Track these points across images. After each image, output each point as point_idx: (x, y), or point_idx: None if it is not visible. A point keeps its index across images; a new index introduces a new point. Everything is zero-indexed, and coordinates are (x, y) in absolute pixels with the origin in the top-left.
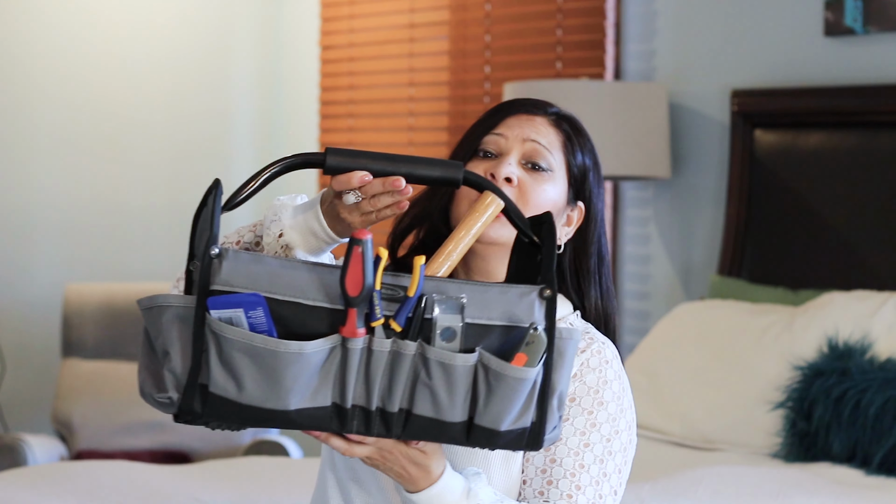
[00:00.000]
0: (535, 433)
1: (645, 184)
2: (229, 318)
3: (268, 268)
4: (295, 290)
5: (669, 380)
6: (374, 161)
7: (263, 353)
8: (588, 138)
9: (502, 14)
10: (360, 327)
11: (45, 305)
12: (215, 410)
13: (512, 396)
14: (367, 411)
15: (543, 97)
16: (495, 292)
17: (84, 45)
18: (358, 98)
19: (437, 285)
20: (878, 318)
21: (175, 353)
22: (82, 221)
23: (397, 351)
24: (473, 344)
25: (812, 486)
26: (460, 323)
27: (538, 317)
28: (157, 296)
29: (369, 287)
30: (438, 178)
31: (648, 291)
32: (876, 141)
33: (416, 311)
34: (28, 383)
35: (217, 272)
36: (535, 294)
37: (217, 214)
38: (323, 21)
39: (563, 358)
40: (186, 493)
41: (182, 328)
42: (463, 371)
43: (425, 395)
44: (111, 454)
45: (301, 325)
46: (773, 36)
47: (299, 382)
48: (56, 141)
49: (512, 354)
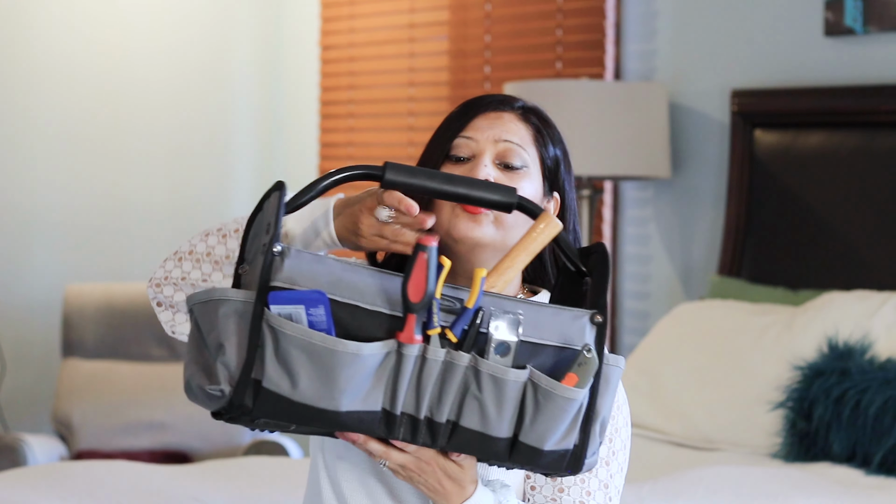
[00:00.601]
0: (577, 456)
1: (645, 184)
2: (289, 315)
3: (329, 269)
4: (354, 293)
5: (669, 380)
6: (432, 179)
7: (321, 352)
8: (555, 128)
9: (502, 14)
10: (417, 334)
11: (45, 305)
12: (266, 407)
13: (559, 416)
14: (415, 419)
15: (543, 97)
16: (548, 313)
17: (84, 45)
18: (358, 98)
19: (494, 300)
20: (878, 318)
21: (230, 346)
22: (82, 221)
23: (451, 361)
24: (525, 361)
25: (812, 486)
26: (515, 339)
27: (589, 339)
28: (213, 290)
29: (430, 294)
30: (493, 202)
31: (648, 291)
32: (876, 141)
33: (472, 323)
34: (28, 383)
35: (279, 269)
36: (587, 318)
37: (281, 214)
38: (323, 21)
39: (608, 384)
40: (186, 493)
41: (240, 322)
42: (514, 386)
43: (474, 408)
44: (111, 454)
45: (358, 329)
46: (773, 36)
47: (353, 384)
48: (56, 141)
49: (562, 375)
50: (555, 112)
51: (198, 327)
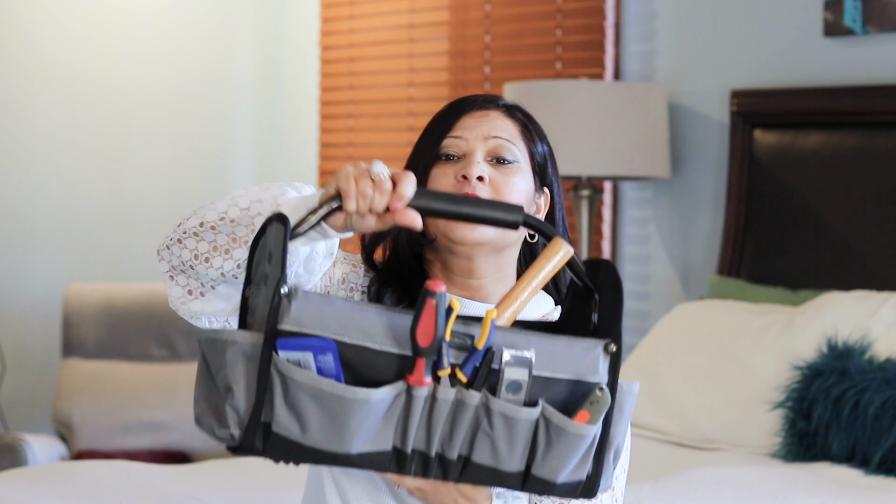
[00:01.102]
0: (590, 484)
1: (645, 184)
2: (297, 361)
3: (337, 310)
4: (363, 334)
5: (669, 380)
6: (435, 200)
7: (330, 399)
8: (539, 124)
9: (502, 14)
10: (427, 377)
11: (45, 305)
12: (276, 449)
13: (571, 451)
14: (427, 456)
15: (543, 97)
16: (561, 345)
17: (84, 45)
18: (358, 98)
19: (505, 336)
20: (877, 318)
21: (239, 390)
22: (82, 221)
23: (461, 400)
24: (537, 395)
25: (811, 486)
26: (527, 377)
27: (602, 371)
28: (221, 331)
29: (440, 339)
30: (498, 220)
31: (648, 291)
32: (875, 141)
33: (483, 361)
34: (28, 383)
35: (286, 312)
36: (601, 349)
37: (286, 252)
38: (323, 21)
39: (622, 412)
40: (186, 493)
41: (248, 366)
42: (525, 424)
43: (485, 445)
44: (111, 454)
45: (367, 368)
46: (773, 36)
47: (363, 428)
48: (56, 141)
49: (575, 409)
50: (555, 112)
51: (206, 362)
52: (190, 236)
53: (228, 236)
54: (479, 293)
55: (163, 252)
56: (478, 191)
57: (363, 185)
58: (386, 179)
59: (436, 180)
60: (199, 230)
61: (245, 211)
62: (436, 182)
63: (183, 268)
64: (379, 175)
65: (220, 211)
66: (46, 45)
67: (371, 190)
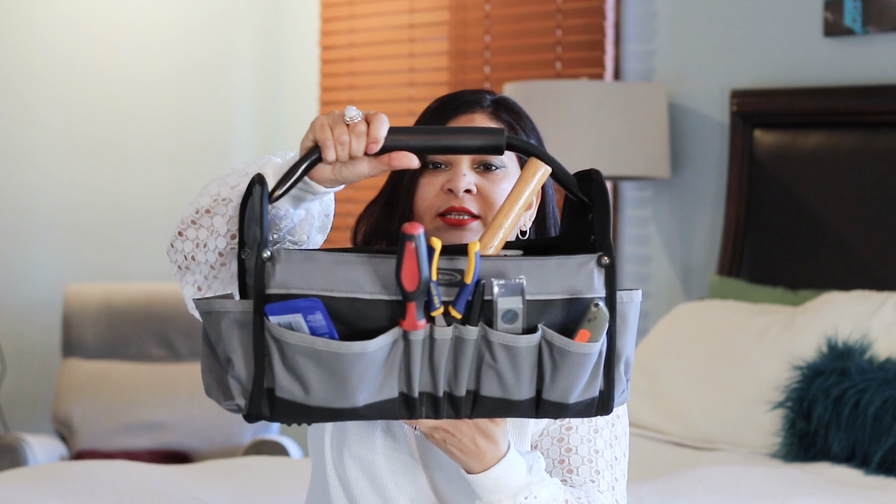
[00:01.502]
0: (605, 400)
1: (644, 184)
2: (289, 323)
3: (321, 265)
4: (351, 285)
5: (669, 380)
6: (414, 136)
7: (326, 356)
8: (527, 118)
9: (502, 14)
10: (420, 319)
11: (45, 305)
12: (284, 413)
13: (578, 371)
14: (435, 397)
15: (543, 97)
16: (553, 265)
17: (84, 44)
18: (358, 98)
19: (494, 266)
20: (877, 318)
21: (237, 359)
22: (82, 221)
23: (460, 337)
24: (535, 320)
25: (811, 486)
26: (521, 305)
27: (598, 285)
28: (213, 300)
29: (426, 280)
30: (482, 147)
31: (648, 291)
32: (875, 141)
33: (475, 296)
34: (28, 383)
35: (271, 275)
36: (594, 263)
37: (265, 213)
38: (323, 21)
39: (626, 322)
40: (186, 493)
41: (242, 334)
42: (527, 352)
43: (491, 377)
44: (111, 454)
45: (361, 319)
46: (773, 36)
47: (365, 380)
48: (56, 140)
49: (575, 328)
50: (555, 112)
51: (206, 335)
52: (188, 226)
53: (223, 217)
54: None
55: (169, 253)
56: (465, 203)
57: (338, 132)
58: (361, 122)
59: (423, 190)
60: (196, 217)
61: (235, 188)
62: (423, 192)
63: (187, 263)
64: (352, 119)
65: (213, 193)
66: (46, 46)
67: (347, 135)
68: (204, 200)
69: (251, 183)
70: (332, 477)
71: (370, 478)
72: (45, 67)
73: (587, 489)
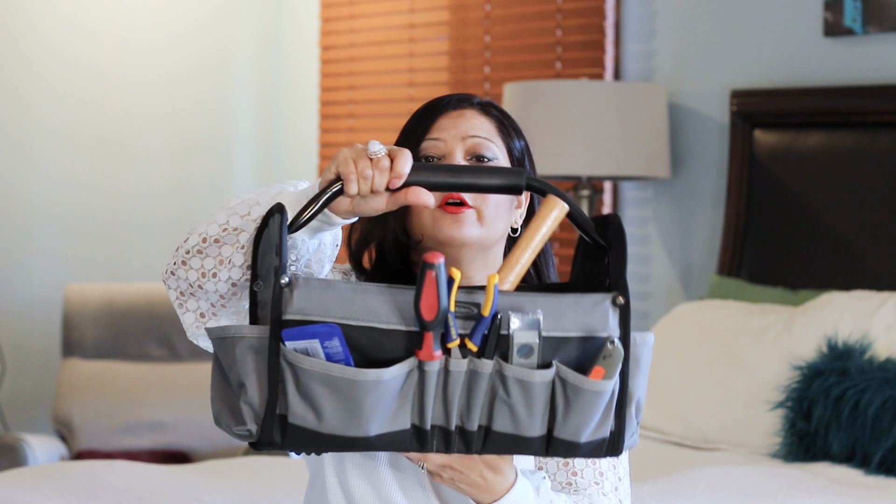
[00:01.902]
0: (615, 441)
1: (645, 184)
2: (305, 349)
3: (339, 293)
4: (368, 314)
5: (669, 380)
6: (436, 173)
7: (341, 383)
8: (514, 120)
9: (502, 14)
10: (436, 350)
11: (45, 305)
12: (295, 440)
13: (591, 409)
14: (447, 431)
15: (543, 97)
16: (568, 302)
17: (84, 44)
18: (358, 98)
19: (511, 300)
20: (877, 318)
21: (251, 384)
22: (82, 221)
23: (474, 370)
24: (550, 357)
25: (811, 486)
26: (537, 339)
27: (612, 325)
28: (228, 326)
29: (444, 310)
30: (501, 186)
31: (648, 291)
32: (875, 141)
33: (491, 328)
34: (28, 383)
35: (289, 301)
36: (608, 302)
37: (284, 241)
38: (323, 21)
39: (639, 364)
40: (186, 493)
41: (257, 359)
42: (541, 387)
43: (504, 412)
44: (111, 454)
45: (377, 349)
46: (773, 36)
47: (379, 409)
48: (56, 141)
49: (589, 366)
50: (555, 112)
51: (218, 361)
52: (194, 255)
53: (233, 246)
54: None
55: (168, 280)
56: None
57: (362, 167)
58: (384, 157)
59: None
60: (202, 247)
61: (246, 217)
62: None
63: (192, 290)
64: (376, 154)
65: (221, 223)
66: (46, 43)
67: (370, 170)
68: (212, 230)
69: (270, 212)
70: (329, 476)
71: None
72: (46, 67)
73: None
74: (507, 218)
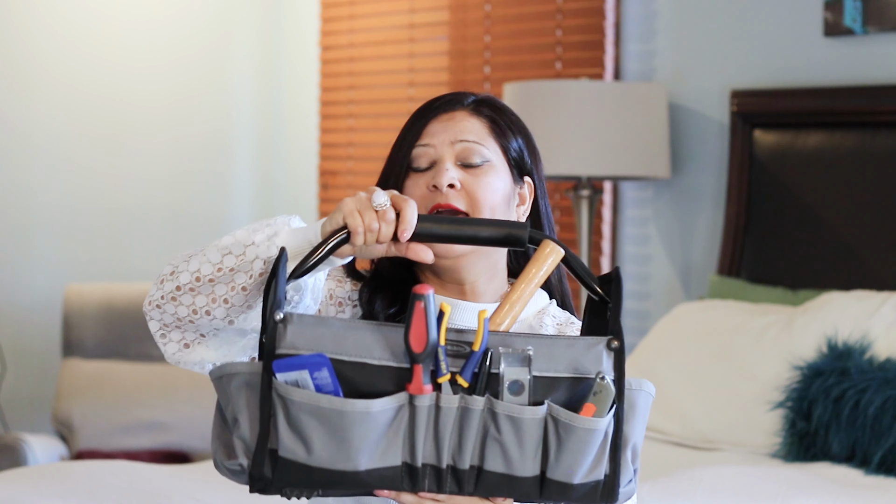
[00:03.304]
0: (609, 486)
1: (645, 184)
2: (295, 381)
3: (332, 329)
4: (360, 349)
5: (669, 379)
6: (439, 224)
7: (330, 414)
8: (511, 113)
9: (502, 14)
10: (426, 384)
11: (45, 305)
12: (285, 475)
13: (583, 448)
14: (438, 469)
15: (543, 97)
16: (562, 344)
17: (84, 44)
18: (358, 98)
19: (502, 339)
20: (877, 318)
21: (244, 419)
22: (82, 221)
23: (465, 406)
24: (542, 397)
25: (811, 486)
26: (528, 376)
27: (606, 367)
28: (225, 365)
29: (434, 342)
30: (504, 238)
31: (648, 291)
32: (876, 141)
33: (482, 365)
34: (28, 383)
35: (282, 336)
36: (603, 345)
37: (282, 282)
38: (323, 21)
39: (634, 409)
40: (186, 493)
41: (250, 394)
42: (532, 424)
43: (496, 451)
44: (111, 454)
45: (368, 385)
46: (773, 36)
47: (368, 442)
48: (56, 141)
49: (580, 406)
50: (555, 112)
51: (218, 404)
52: (185, 293)
53: (227, 285)
54: (472, 294)
55: (151, 312)
56: (451, 199)
57: (368, 219)
58: (389, 209)
59: (409, 192)
60: (195, 285)
61: (241, 257)
62: (409, 193)
63: (178, 324)
64: (382, 206)
65: (215, 262)
66: (46, 45)
67: (377, 223)
68: (205, 269)
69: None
70: None
71: None
72: (46, 68)
73: None
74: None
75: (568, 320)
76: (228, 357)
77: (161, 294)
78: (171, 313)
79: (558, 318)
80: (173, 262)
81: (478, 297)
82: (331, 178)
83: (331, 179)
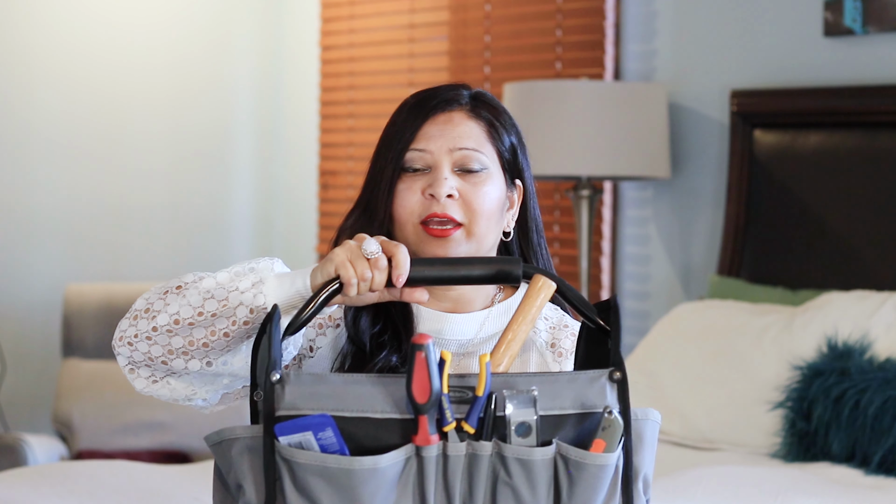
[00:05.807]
0: None
1: (645, 184)
2: (299, 443)
3: (331, 386)
4: (362, 404)
5: (669, 379)
6: (432, 267)
7: (338, 474)
8: (506, 113)
9: (502, 14)
10: (432, 434)
11: (45, 305)
12: None
13: (595, 484)
14: None
15: (543, 97)
16: (565, 380)
17: (84, 44)
18: (358, 98)
19: (505, 380)
20: (877, 317)
21: (248, 485)
22: (82, 221)
23: (473, 453)
24: (549, 436)
25: (811, 486)
26: (534, 416)
27: (611, 400)
28: (223, 430)
29: (437, 392)
30: (496, 276)
31: (648, 291)
32: (875, 141)
33: (487, 410)
34: (28, 383)
35: (281, 397)
36: (605, 378)
37: (276, 340)
38: (323, 21)
39: (642, 440)
40: (186, 493)
41: (253, 459)
42: (542, 465)
43: (507, 495)
44: (111, 454)
45: (372, 440)
46: (773, 36)
47: (378, 498)
48: (56, 141)
49: (589, 441)
50: (555, 112)
51: (217, 469)
52: (162, 333)
53: (207, 329)
54: (460, 303)
55: (121, 348)
56: (448, 209)
57: (361, 269)
58: (381, 256)
59: (403, 196)
60: (173, 327)
61: (224, 303)
62: (403, 198)
63: (149, 363)
64: (374, 254)
65: (195, 305)
66: (46, 46)
67: (370, 272)
68: (185, 312)
69: (267, 318)
70: None
71: None
72: (46, 69)
73: None
74: (498, 227)
75: (560, 322)
76: (201, 393)
77: (135, 332)
78: (142, 352)
79: (550, 319)
80: (148, 298)
81: (467, 306)
82: (331, 178)
83: (331, 179)
